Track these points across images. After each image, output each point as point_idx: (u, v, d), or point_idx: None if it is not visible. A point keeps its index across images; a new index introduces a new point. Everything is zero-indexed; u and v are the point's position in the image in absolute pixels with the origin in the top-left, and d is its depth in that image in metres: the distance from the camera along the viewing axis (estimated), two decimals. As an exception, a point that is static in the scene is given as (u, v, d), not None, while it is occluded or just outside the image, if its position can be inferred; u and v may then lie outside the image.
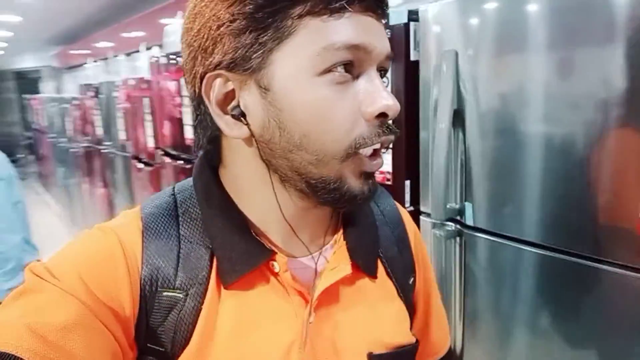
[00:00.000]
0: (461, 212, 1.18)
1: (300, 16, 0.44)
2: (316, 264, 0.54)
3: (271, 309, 0.52)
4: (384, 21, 0.49)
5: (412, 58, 1.24)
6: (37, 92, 8.67)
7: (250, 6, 0.44)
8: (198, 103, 0.50)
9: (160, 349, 0.49)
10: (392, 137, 0.49)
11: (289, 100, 0.46)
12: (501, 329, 1.17)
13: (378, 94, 0.46)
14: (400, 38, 1.24)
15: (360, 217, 0.60)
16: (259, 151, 0.49)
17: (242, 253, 0.51)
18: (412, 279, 0.64)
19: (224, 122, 0.49)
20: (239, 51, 0.46)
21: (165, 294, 0.49)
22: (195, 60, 0.49)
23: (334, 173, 0.47)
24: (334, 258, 0.55)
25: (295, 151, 0.47)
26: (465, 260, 1.21)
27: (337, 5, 0.44)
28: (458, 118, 1.15)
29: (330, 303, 0.55)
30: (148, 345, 0.49)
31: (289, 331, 0.52)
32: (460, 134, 1.16)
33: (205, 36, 0.47)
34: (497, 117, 1.08)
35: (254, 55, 0.45)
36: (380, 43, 0.47)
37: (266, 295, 0.52)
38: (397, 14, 1.24)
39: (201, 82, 0.48)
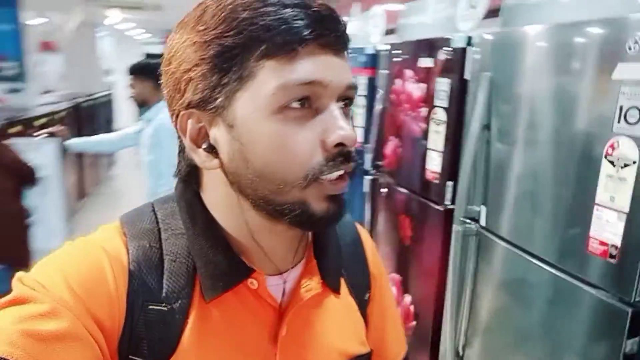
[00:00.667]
0: (480, 214, 1.37)
1: (259, 59, 0.47)
2: (285, 282, 0.57)
3: (248, 323, 0.54)
4: (345, 54, 0.52)
5: (465, 77, 1.44)
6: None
7: (214, 51, 0.48)
8: (179, 136, 0.54)
9: None
10: (351, 165, 0.50)
11: (250, 135, 0.49)
12: (503, 332, 1.29)
13: (335, 126, 0.48)
14: (458, 59, 1.45)
15: (327, 238, 0.63)
16: (228, 181, 0.52)
17: (223, 270, 0.53)
18: (367, 295, 0.68)
19: (198, 156, 0.52)
20: (206, 92, 0.49)
21: (150, 307, 0.50)
22: (172, 100, 0.53)
23: (296, 199, 0.49)
24: (305, 276, 0.58)
25: (258, 181, 0.50)
26: (478, 260, 1.39)
27: (291, 47, 0.46)
28: (486, 132, 1.33)
29: (300, 318, 0.57)
30: (130, 356, 0.50)
31: (265, 344, 0.55)
32: (487, 147, 1.34)
33: (178, 78, 0.50)
34: (518, 135, 1.24)
35: (218, 96, 0.49)
36: (337, 77, 0.49)
37: (244, 310, 0.54)
38: (459, 39, 1.45)
39: (177, 120, 0.53)
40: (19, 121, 3.69)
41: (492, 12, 1.54)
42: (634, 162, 0.91)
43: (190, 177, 0.57)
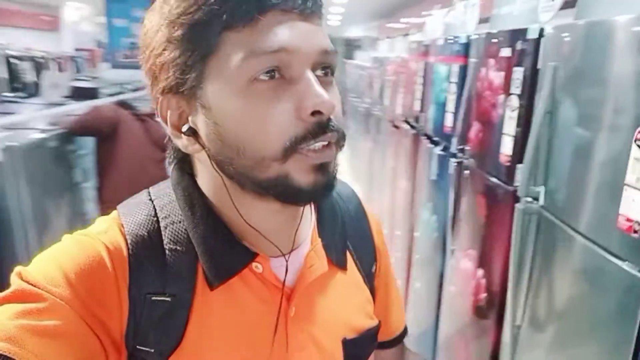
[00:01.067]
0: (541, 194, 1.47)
1: (219, 32, 0.46)
2: (287, 262, 0.55)
3: (256, 306, 0.54)
4: (317, 19, 0.49)
5: (538, 66, 1.53)
6: (353, 58, 10.39)
7: (179, 31, 0.47)
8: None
9: (150, 351, 0.49)
10: (331, 135, 0.48)
11: (222, 113, 0.48)
12: (560, 309, 1.38)
13: (309, 93, 0.46)
14: (532, 49, 1.54)
15: (331, 214, 0.63)
16: (212, 163, 0.51)
17: (226, 257, 0.52)
18: (374, 267, 0.69)
19: (180, 141, 0.52)
20: (177, 74, 0.48)
21: (154, 298, 0.50)
22: (152, 87, 0.52)
23: (278, 173, 0.48)
24: (311, 256, 0.58)
25: (237, 159, 0.49)
26: (538, 238, 1.49)
27: (251, 16, 0.45)
28: (551, 118, 1.42)
29: (307, 297, 0.58)
30: (137, 347, 0.49)
31: (273, 325, 0.54)
32: (549, 131, 1.43)
33: (152, 65, 0.50)
34: (580, 123, 1.32)
35: (189, 77, 0.48)
36: (305, 42, 0.47)
37: (250, 294, 0.54)
38: (533, 30, 1.54)
39: (157, 107, 0.52)
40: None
41: (569, 3, 1.59)
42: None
43: (184, 163, 0.57)
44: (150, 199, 0.56)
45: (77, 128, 2.61)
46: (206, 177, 0.55)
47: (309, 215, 0.60)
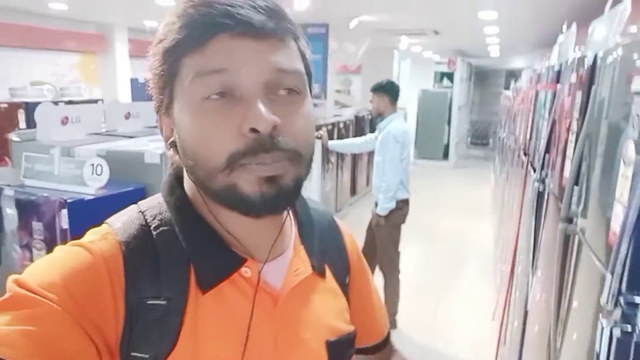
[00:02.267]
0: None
1: (180, 58, 0.51)
2: (260, 267, 0.58)
3: (246, 309, 0.55)
4: (273, 40, 0.51)
5: (593, 91, 1.56)
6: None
7: (155, 57, 0.53)
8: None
9: (144, 356, 0.50)
10: (276, 151, 0.50)
11: (182, 129, 0.53)
12: None
13: (250, 112, 0.49)
14: (589, 75, 1.58)
15: (310, 226, 0.67)
16: (188, 175, 0.55)
17: (216, 262, 0.55)
18: (347, 279, 0.72)
19: (169, 153, 0.57)
20: (158, 95, 0.55)
21: (149, 302, 0.51)
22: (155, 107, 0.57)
23: (225, 184, 0.51)
24: (295, 261, 0.62)
25: (194, 169, 0.53)
26: (578, 259, 1.49)
27: (199, 42, 0.49)
28: (590, 141, 1.44)
29: (293, 301, 0.60)
30: (132, 354, 0.50)
31: (262, 328, 0.56)
32: (590, 156, 1.45)
33: (150, 86, 0.56)
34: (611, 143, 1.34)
35: (163, 97, 0.54)
36: (252, 63, 0.50)
37: (241, 297, 0.56)
38: (590, 57, 1.57)
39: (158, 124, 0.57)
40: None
41: None
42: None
43: (180, 173, 0.61)
44: (140, 211, 0.58)
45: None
46: (191, 189, 0.59)
47: (289, 224, 0.64)
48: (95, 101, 6.94)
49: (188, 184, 0.59)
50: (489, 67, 12.66)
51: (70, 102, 6.30)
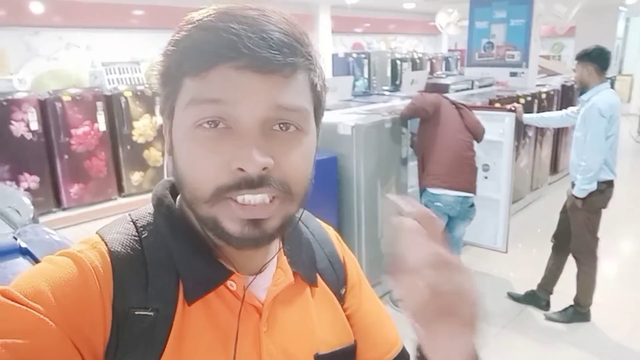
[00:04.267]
0: None
1: (181, 76, 0.51)
2: (245, 281, 0.58)
3: (232, 322, 0.56)
4: (277, 76, 0.49)
5: None
6: None
7: (160, 68, 0.53)
8: None
9: None
10: (264, 189, 0.49)
11: (175, 146, 0.53)
12: None
13: (241, 150, 0.48)
14: None
15: (296, 236, 0.66)
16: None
17: (203, 274, 0.55)
18: (343, 290, 0.70)
19: (167, 159, 0.57)
20: (161, 101, 0.54)
21: (137, 313, 0.51)
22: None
23: (208, 214, 0.51)
24: (277, 273, 0.61)
25: (181, 188, 0.54)
26: None
27: (201, 68, 0.49)
28: None
29: (279, 312, 0.60)
30: None
31: (248, 340, 0.56)
32: None
33: (156, 88, 0.56)
34: None
35: (165, 108, 0.54)
36: (250, 97, 0.48)
37: (227, 310, 0.56)
38: None
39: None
40: (505, 98, 4.64)
41: None
42: None
43: (172, 184, 0.61)
44: (132, 221, 0.58)
45: (407, 112, 3.25)
46: (181, 198, 0.59)
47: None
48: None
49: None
50: None
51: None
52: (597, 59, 2.96)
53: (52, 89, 5.23)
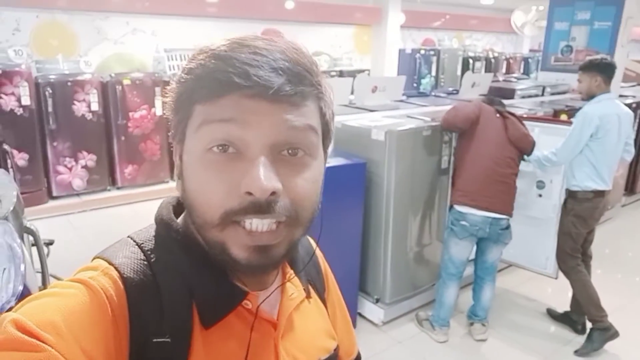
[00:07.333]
0: None
1: (193, 102, 0.52)
2: (258, 297, 0.59)
3: (251, 339, 0.57)
4: (286, 105, 0.51)
5: None
6: None
7: (175, 94, 0.54)
8: None
9: None
10: (264, 216, 0.50)
11: (185, 170, 0.55)
12: None
13: (250, 175, 0.49)
14: None
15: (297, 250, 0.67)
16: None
17: (220, 297, 0.56)
18: (325, 294, 0.76)
19: (176, 185, 0.58)
20: (173, 126, 0.56)
21: (154, 340, 0.51)
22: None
23: (216, 239, 0.52)
24: (288, 286, 0.64)
25: (191, 212, 0.54)
26: None
27: (213, 95, 0.50)
28: None
29: (289, 324, 0.63)
30: None
31: (269, 354, 0.59)
32: None
33: (167, 113, 0.57)
34: None
35: (176, 132, 0.56)
36: (261, 122, 0.50)
37: (245, 328, 0.57)
38: None
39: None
40: (577, 109, 4.17)
41: None
42: None
43: (180, 205, 0.62)
44: (137, 244, 0.57)
45: (444, 124, 2.99)
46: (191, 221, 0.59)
47: None
48: (363, 71, 7.44)
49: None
50: None
51: (340, 72, 6.91)
52: (605, 70, 2.91)
53: (116, 72, 5.44)
